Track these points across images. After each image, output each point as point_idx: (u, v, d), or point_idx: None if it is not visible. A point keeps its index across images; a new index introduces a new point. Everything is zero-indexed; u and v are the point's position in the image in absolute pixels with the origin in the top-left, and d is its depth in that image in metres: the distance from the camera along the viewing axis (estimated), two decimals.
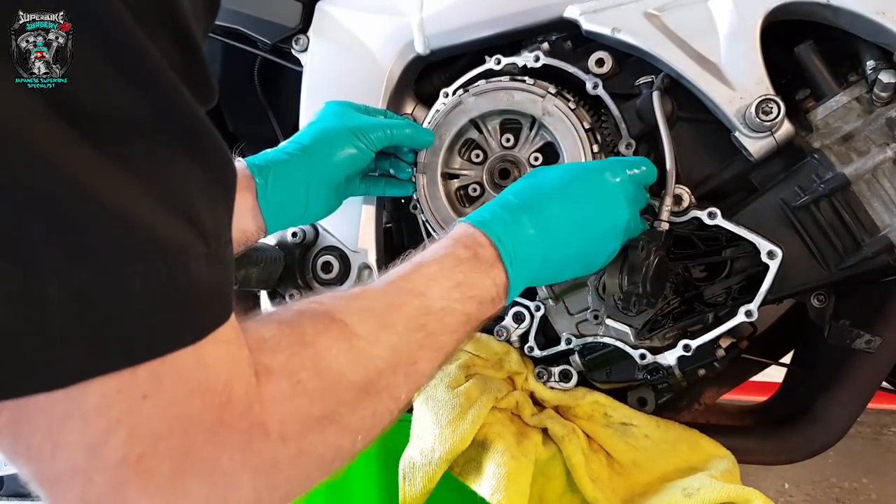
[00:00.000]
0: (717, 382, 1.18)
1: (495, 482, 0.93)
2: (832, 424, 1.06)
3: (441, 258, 0.72)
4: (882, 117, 0.91)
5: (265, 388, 0.50)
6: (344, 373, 0.56)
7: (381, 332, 0.61)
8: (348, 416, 0.56)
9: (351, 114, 1.00)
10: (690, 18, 0.94)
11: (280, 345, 0.54)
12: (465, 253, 0.73)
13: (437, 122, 1.03)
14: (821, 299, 1.01)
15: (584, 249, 0.85)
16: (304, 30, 1.16)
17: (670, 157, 0.95)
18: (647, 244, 0.90)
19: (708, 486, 0.95)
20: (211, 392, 0.46)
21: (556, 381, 1.07)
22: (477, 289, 0.72)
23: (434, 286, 0.69)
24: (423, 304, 0.67)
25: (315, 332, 0.57)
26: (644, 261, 0.89)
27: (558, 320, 1.06)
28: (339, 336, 0.58)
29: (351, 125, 0.96)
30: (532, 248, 0.79)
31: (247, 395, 0.48)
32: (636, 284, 0.90)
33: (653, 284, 0.90)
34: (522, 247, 0.78)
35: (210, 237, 0.46)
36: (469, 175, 1.05)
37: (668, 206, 0.94)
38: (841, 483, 1.55)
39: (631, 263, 0.90)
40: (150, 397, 0.43)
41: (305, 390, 0.53)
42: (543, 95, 0.98)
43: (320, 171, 0.94)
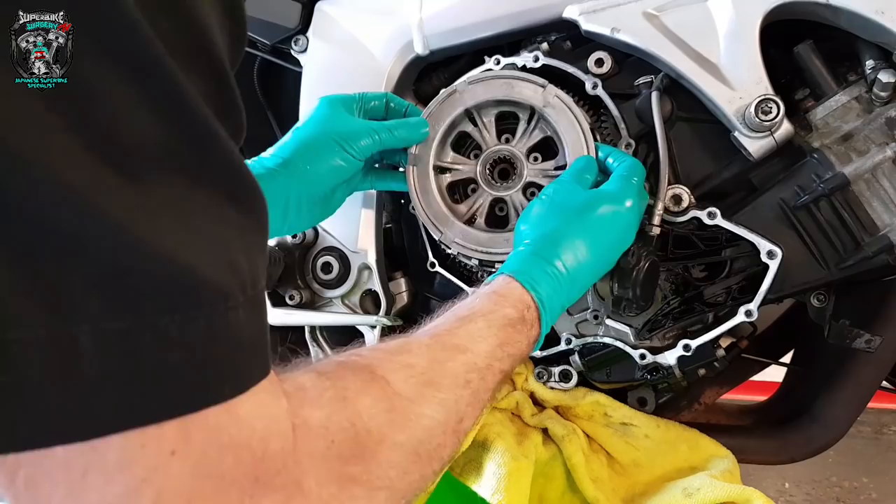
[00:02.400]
0: (718, 382, 1.18)
1: (495, 482, 0.93)
2: (832, 424, 1.06)
3: (489, 315, 0.72)
4: (881, 117, 0.91)
5: (301, 445, 0.47)
6: (386, 434, 0.53)
7: (426, 389, 0.59)
8: (399, 481, 0.53)
9: (340, 116, 0.94)
10: (690, 18, 0.94)
11: (321, 398, 0.51)
12: (513, 314, 0.74)
13: (430, 112, 1.00)
14: (821, 299, 1.01)
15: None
16: (303, 30, 1.16)
17: (664, 160, 0.95)
18: (637, 250, 0.90)
19: (708, 486, 0.95)
20: (245, 448, 0.43)
21: (556, 381, 1.07)
22: (516, 347, 0.73)
23: (481, 343, 0.68)
24: (469, 361, 0.66)
25: (356, 388, 0.54)
26: (634, 266, 0.90)
27: (558, 320, 1.06)
28: (381, 395, 0.55)
29: (337, 132, 0.92)
30: (563, 299, 0.82)
31: (283, 451, 0.45)
32: (626, 290, 0.91)
33: (643, 289, 0.90)
34: (558, 301, 0.81)
35: (247, 284, 0.43)
36: (462, 170, 1.03)
37: (661, 211, 0.94)
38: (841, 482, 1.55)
39: (622, 268, 0.90)
40: (178, 453, 0.40)
41: (341, 452, 0.50)
42: (544, 86, 0.97)
43: (301, 186, 0.91)
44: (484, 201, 1.02)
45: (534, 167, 1.01)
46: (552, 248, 0.82)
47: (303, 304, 1.16)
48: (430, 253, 1.12)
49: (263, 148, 0.96)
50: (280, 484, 0.44)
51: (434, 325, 0.69)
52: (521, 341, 0.74)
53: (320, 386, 0.51)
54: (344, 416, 0.51)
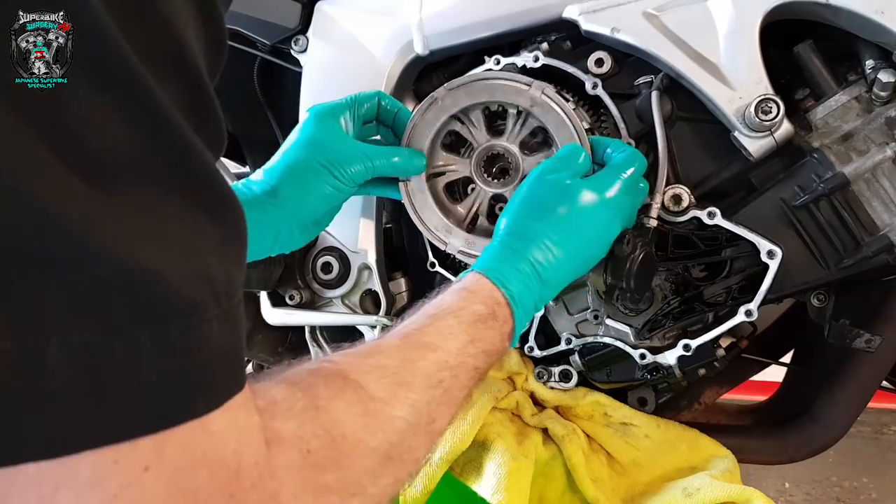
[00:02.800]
0: (718, 382, 1.18)
1: (496, 482, 0.93)
2: (832, 424, 1.06)
3: (458, 312, 0.70)
4: (881, 116, 0.91)
5: (276, 457, 0.46)
6: (361, 439, 0.53)
7: (399, 390, 0.58)
8: (371, 486, 0.53)
9: (330, 136, 0.89)
10: (689, 18, 0.94)
11: (292, 409, 0.50)
12: (483, 310, 0.73)
13: (413, 123, 0.97)
14: (821, 298, 1.01)
15: (580, 269, 0.86)
16: (303, 30, 1.16)
17: (663, 156, 0.95)
18: (633, 238, 0.89)
19: (708, 486, 0.95)
20: (218, 463, 0.42)
21: (556, 381, 1.07)
22: (488, 343, 0.72)
23: (451, 340, 0.67)
24: (440, 359, 0.65)
25: (329, 394, 0.53)
26: (629, 255, 0.88)
27: (558, 320, 1.06)
28: (354, 399, 0.54)
29: (326, 158, 0.88)
30: (535, 296, 0.80)
31: (257, 465, 0.45)
32: (619, 279, 0.89)
33: (637, 280, 0.89)
34: (530, 297, 0.79)
35: (222, 296, 0.42)
36: (457, 170, 1.00)
37: (658, 204, 0.94)
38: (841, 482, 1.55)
39: (616, 257, 0.88)
40: (151, 469, 0.39)
41: (318, 461, 0.49)
42: (529, 84, 0.95)
43: (292, 217, 0.88)
44: (483, 199, 1.00)
45: (531, 159, 0.98)
46: (523, 243, 0.80)
47: (303, 304, 1.16)
48: (430, 253, 1.12)
49: (264, 148, 0.96)
50: (255, 499, 0.44)
51: (405, 324, 0.68)
52: (494, 337, 0.73)
53: (291, 397, 0.50)
54: (318, 424, 0.51)
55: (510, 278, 0.77)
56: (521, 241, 0.80)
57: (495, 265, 0.78)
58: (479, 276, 0.77)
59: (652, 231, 0.94)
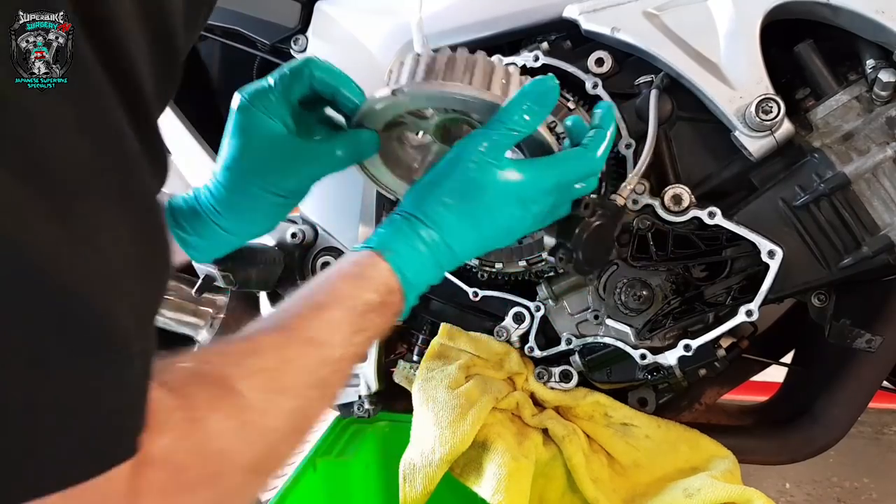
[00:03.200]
0: (718, 382, 1.18)
1: (496, 483, 0.93)
2: (833, 424, 1.06)
3: (348, 302, 0.65)
4: (882, 116, 0.91)
5: (143, 477, 0.44)
6: (233, 457, 0.51)
7: (277, 398, 0.56)
8: (238, 500, 0.52)
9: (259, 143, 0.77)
10: (690, 18, 0.94)
11: (167, 423, 0.47)
12: (375, 299, 0.67)
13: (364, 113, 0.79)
14: (821, 298, 1.01)
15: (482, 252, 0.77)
16: (302, 30, 1.16)
17: (649, 146, 0.95)
18: (592, 204, 0.84)
19: (709, 487, 0.95)
20: (80, 494, 0.40)
21: (556, 381, 1.07)
22: (376, 330, 0.68)
23: (337, 335, 0.62)
24: (323, 356, 0.61)
25: (207, 405, 0.51)
26: (582, 218, 0.83)
27: (558, 320, 1.06)
28: (232, 412, 0.52)
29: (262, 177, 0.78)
30: (431, 277, 0.73)
31: (123, 492, 0.43)
32: (566, 239, 0.83)
33: (585, 249, 0.83)
34: (424, 280, 0.73)
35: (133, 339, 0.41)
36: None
37: (632, 184, 0.94)
38: (842, 482, 1.55)
39: (570, 217, 0.83)
40: None
41: (188, 480, 0.47)
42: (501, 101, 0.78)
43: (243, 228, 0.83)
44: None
45: None
46: (426, 222, 0.72)
47: None
48: None
49: None
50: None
51: (288, 310, 0.63)
52: (381, 323, 0.68)
53: (169, 406, 0.48)
54: (193, 441, 0.49)
55: (408, 262, 0.70)
56: (424, 220, 0.72)
57: (395, 245, 0.70)
58: (376, 258, 0.69)
59: (618, 208, 0.92)
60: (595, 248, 0.85)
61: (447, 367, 1.07)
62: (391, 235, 0.71)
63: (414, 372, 1.12)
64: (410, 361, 1.16)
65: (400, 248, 0.70)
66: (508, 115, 0.72)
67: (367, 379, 1.18)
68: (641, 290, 0.99)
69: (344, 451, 1.19)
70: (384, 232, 0.72)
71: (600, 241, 0.85)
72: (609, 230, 0.88)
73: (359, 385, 1.19)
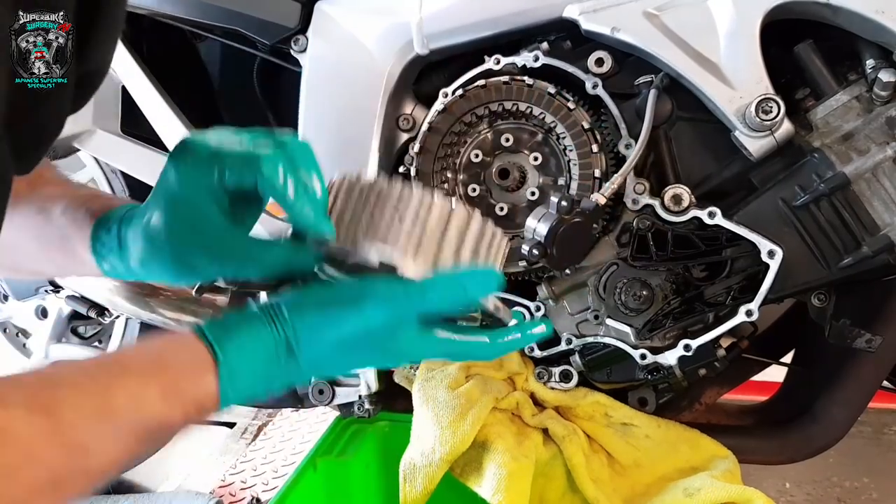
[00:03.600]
0: (718, 382, 1.18)
1: (496, 483, 0.93)
2: (833, 424, 1.06)
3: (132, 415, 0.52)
4: (882, 116, 0.91)
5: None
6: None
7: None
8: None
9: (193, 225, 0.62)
10: (690, 18, 0.94)
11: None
12: (179, 420, 0.55)
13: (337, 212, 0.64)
14: (821, 298, 1.01)
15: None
16: (302, 30, 1.16)
17: (642, 142, 0.95)
18: (572, 202, 0.82)
19: (709, 486, 0.95)
20: None
21: (556, 381, 1.07)
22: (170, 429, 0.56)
23: (111, 443, 0.52)
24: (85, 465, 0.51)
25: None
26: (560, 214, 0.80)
27: (558, 320, 1.06)
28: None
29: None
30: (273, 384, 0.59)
31: None
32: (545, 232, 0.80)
33: (560, 245, 0.82)
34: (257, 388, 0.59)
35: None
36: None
37: (615, 184, 0.94)
38: (842, 482, 1.55)
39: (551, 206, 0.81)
40: None
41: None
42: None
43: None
44: None
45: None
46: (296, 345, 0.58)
47: None
48: None
49: None
50: None
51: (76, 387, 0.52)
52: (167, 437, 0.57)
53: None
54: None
55: (241, 375, 0.56)
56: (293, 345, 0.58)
57: (235, 348, 0.57)
58: (209, 372, 0.56)
59: (596, 207, 0.92)
60: (570, 245, 0.85)
61: (447, 367, 1.07)
62: (241, 344, 0.57)
63: (414, 372, 1.12)
64: None
65: (242, 370, 0.57)
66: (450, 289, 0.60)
67: (367, 379, 1.18)
68: (641, 290, 0.99)
69: (344, 450, 1.19)
70: (236, 332, 0.58)
71: (576, 238, 0.86)
72: (586, 228, 0.89)
73: (359, 385, 1.19)
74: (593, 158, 0.98)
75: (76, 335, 1.62)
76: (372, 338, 0.59)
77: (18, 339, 1.75)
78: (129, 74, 1.26)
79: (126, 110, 1.34)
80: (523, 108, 1.01)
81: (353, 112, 1.11)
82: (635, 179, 0.98)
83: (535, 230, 0.91)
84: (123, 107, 1.34)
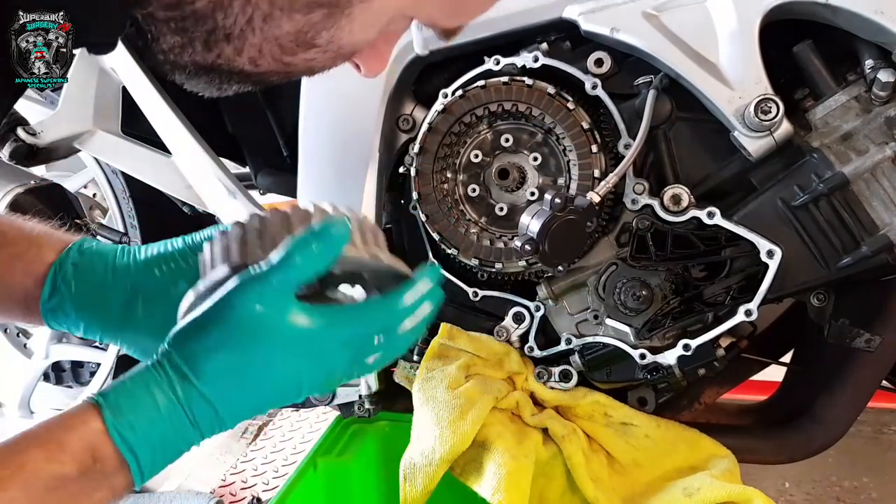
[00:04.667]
0: (718, 382, 1.18)
1: (496, 482, 0.93)
2: (832, 423, 1.06)
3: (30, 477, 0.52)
4: (881, 116, 0.91)
5: None
6: None
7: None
8: None
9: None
10: (689, 18, 0.94)
11: None
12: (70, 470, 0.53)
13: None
14: (820, 298, 1.01)
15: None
16: None
17: (636, 146, 0.95)
18: (565, 200, 0.83)
19: (708, 486, 0.95)
20: None
21: (556, 381, 1.07)
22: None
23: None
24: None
25: None
26: (552, 211, 0.82)
27: (558, 320, 1.06)
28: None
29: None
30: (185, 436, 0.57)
31: None
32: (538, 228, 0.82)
33: (552, 241, 0.83)
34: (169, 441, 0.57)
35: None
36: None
37: (610, 183, 0.94)
38: (841, 482, 1.55)
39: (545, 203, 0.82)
40: None
41: None
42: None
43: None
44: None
45: None
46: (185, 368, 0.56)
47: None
48: (430, 253, 1.12)
49: (265, 149, 0.95)
50: None
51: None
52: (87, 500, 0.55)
53: None
54: None
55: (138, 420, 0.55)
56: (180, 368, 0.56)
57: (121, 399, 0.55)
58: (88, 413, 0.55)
59: (590, 205, 0.92)
60: (563, 242, 0.86)
61: (447, 366, 1.07)
62: (123, 385, 0.56)
63: (414, 372, 1.12)
64: (410, 361, 1.16)
65: (126, 403, 0.55)
66: (294, 255, 0.56)
67: (367, 379, 1.18)
68: (641, 289, 1.00)
69: (344, 450, 1.19)
70: (119, 380, 0.57)
71: (569, 236, 0.87)
72: (579, 226, 0.89)
73: (359, 385, 1.19)
74: (593, 159, 0.98)
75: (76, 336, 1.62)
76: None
77: (19, 340, 1.75)
78: (130, 75, 1.26)
79: (126, 110, 1.34)
80: (523, 108, 1.01)
81: (354, 113, 1.12)
82: (635, 179, 0.98)
83: (528, 226, 0.92)
84: (123, 107, 1.34)
